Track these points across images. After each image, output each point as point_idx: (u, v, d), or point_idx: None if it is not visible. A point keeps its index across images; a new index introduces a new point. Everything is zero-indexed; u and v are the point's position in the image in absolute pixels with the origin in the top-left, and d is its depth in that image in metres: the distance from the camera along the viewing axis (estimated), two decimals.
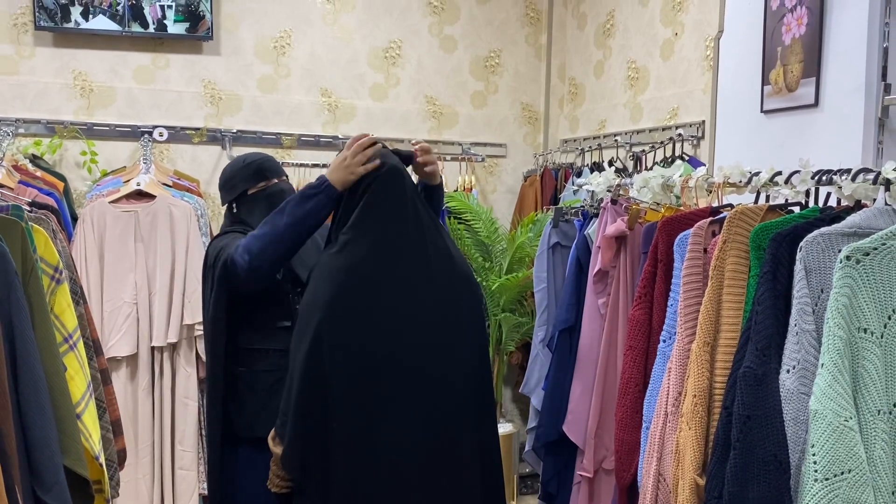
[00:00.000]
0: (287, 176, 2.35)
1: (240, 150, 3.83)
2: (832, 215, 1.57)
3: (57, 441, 1.55)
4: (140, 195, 3.28)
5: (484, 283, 3.65)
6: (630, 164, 3.40)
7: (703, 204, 2.00)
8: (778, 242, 1.54)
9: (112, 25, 3.59)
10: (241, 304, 2.12)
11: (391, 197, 1.84)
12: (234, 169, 2.26)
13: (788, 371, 1.46)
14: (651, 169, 2.50)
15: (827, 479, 1.34)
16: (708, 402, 1.65)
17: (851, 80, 2.20)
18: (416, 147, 1.98)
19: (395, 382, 1.78)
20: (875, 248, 1.40)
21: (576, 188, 3.38)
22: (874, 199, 1.55)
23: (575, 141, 4.08)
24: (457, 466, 1.83)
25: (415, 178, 1.96)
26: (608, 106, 3.87)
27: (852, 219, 1.50)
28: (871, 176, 1.54)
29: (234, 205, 2.25)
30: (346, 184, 1.86)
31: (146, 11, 3.62)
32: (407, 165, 1.94)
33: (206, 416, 2.28)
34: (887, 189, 1.50)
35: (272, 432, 1.84)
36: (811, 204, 1.72)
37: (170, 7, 3.64)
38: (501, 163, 4.36)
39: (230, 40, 3.86)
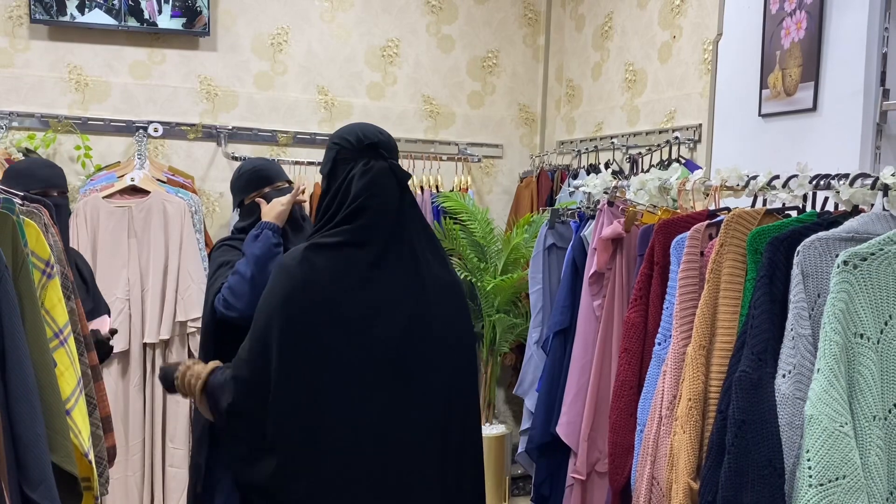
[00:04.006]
0: (287, 181, 2.37)
1: (235, 147, 3.83)
2: (830, 220, 1.56)
3: (45, 438, 1.53)
4: (134, 191, 3.27)
5: (479, 284, 3.64)
6: (626, 167, 3.39)
7: (700, 207, 2.00)
8: (775, 246, 1.54)
9: (108, 20, 3.57)
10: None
11: (374, 206, 1.76)
12: (233, 178, 2.40)
13: (784, 376, 1.45)
14: (648, 171, 2.50)
15: (821, 485, 1.33)
16: (703, 406, 1.64)
17: (850, 85, 2.19)
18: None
19: (349, 399, 1.71)
20: (872, 254, 1.40)
21: (572, 190, 3.37)
22: (872, 205, 1.54)
23: (571, 143, 4.08)
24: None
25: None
26: (605, 108, 3.86)
27: (850, 224, 1.49)
28: (869, 181, 1.53)
29: (239, 210, 2.40)
30: (281, 217, 2.22)
31: (142, 6, 3.60)
32: (401, 183, 1.84)
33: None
34: (885, 194, 1.50)
35: (204, 379, 1.82)
36: (809, 208, 1.71)
37: (166, 2, 3.62)
38: (498, 163, 4.35)
39: (227, 36, 3.84)
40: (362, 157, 1.80)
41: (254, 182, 2.31)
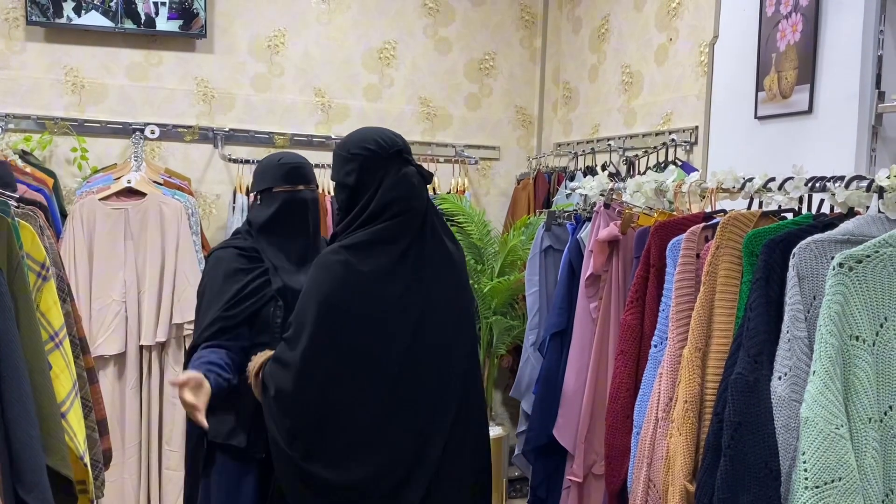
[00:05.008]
0: (316, 185, 2.33)
1: (232, 149, 3.82)
2: (825, 222, 1.57)
3: (40, 440, 1.53)
4: (130, 193, 3.26)
5: (476, 286, 3.64)
6: (623, 169, 3.40)
7: (696, 209, 2.00)
8: (771, 249, 1.54)
9: (105, 21, 3.57)
10: None
11: (411, 208, 1.89)
12: (268, 163, 2.29)
13: (780, 378, 1.46)
14: (644, 174, 2.50)
15: (817, 487, 1.34)
16: (699, 409, 1.64)
17: (845, 88, 2.20)
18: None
19: (375, 389, 1.84)
20: (868, 256, 1.40)
21: (569, 192, 3.38)
22: (867, 207, 1.55)
23: (568, 145, 4.08)
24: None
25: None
26: (602, 110, 3.87)
27: (845, 226, 1.49)
28: (864, 183, 1.54)
29: (259, 197, 2.29)
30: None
31: (139, 8, 3.59)
32: (427, 184, 1.96)
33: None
34: (880, 197, 1.50)
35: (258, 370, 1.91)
36: (804, 210, 1.72)
37: (163, 4, 3.62)
38: (494, 165, 4.35)
39: (224, 38, 3.84)
40: (391, 165, 1.90)
41: (290, 176, 2.22)
